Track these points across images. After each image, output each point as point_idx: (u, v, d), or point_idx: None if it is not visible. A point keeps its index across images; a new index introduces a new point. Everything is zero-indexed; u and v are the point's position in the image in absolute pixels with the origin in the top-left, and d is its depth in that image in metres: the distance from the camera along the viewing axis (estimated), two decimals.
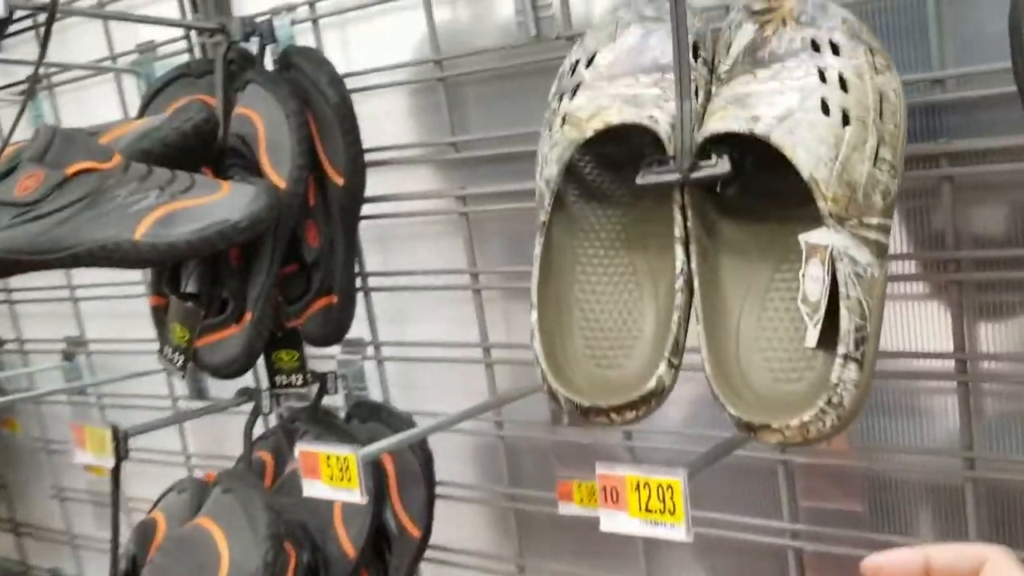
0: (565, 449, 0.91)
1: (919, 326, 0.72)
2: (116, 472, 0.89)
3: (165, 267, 0.84)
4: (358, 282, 0.96)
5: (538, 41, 0.80)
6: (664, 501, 0.56)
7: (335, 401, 1.02)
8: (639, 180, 0.56)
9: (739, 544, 0.83)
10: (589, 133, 0.57)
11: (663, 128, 0.55)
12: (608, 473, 0.58)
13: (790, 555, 0.80)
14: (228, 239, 0.73)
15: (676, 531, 0.55)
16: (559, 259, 0.61)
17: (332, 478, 0.66)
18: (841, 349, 0.50)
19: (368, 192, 0.90)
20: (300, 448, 0.67)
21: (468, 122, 0.91)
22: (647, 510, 0.57)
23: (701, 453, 0.62)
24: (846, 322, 0.50)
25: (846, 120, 0.52)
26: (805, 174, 0.51)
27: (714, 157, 0.53)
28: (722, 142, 0.54)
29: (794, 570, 0.80)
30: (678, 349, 0.55)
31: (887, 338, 0.71)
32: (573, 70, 0.62)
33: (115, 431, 0.87)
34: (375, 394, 1.02)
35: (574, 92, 0.61)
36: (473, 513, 1.03)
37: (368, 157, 0.89)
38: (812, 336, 0.52)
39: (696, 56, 0.59)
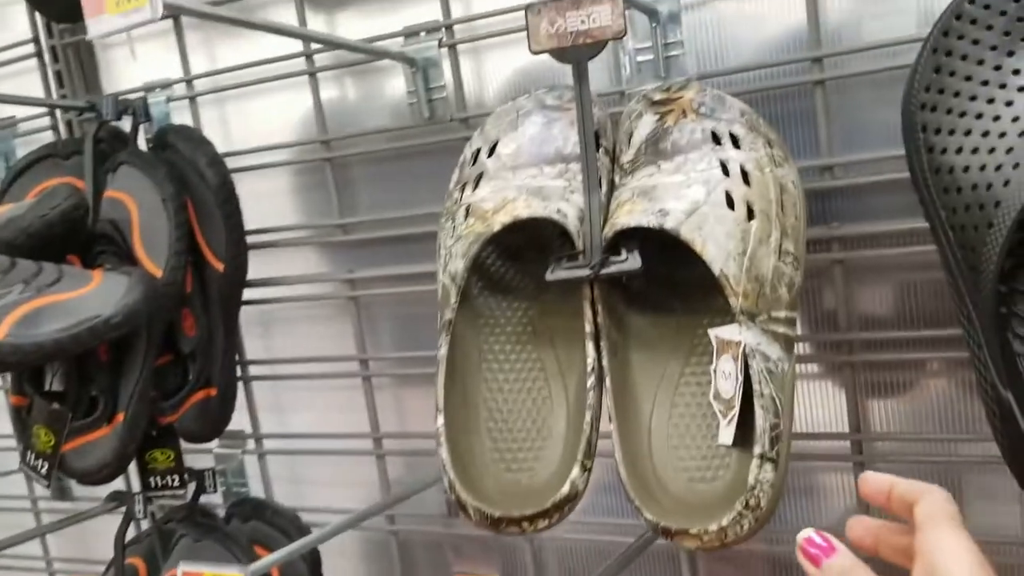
0: (461, 542, 0.87)
1: (814, 406, 0.72)
2: None
3: None
4: (238, 371, 0.91)
5: (431, 123, 0.79)
6: None
7: (214, 499, 0.96)
8: (548, 276, 0.55)
9: None
10: (496, 227, 0.56)
11: (572, 223, 0.54)
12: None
13: None
14: (100, 336, 0.68)
15: None
16: (464, 357, 0.59)
17: None
18: (757, 449, 0.49)
19: (250, 275, 0.86)
20: (183, 568, 0.61)
21: (356, 202, 0.88)
22: None
23: (607, 564, 0.60)
24: (761, 421, 0.49)
25: (751, 214, 0.52)
26: (716, 270, 0.51)
27: (624, 252, 0.53)
28: (631, 236, 0.53)
29: None
30: (591, 451, 0.54)
31: None
32: (475, 159, 0.61)
33: None
34: (257, 490, 0.96)
35: (477, 182, 0.60)
36: None
37: (251, 239, 0.85)
38: (727, 434, 0.51)
39: (598, 146, 0.58)
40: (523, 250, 0.62)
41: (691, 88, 0.60)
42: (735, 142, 0.56)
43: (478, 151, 0.62)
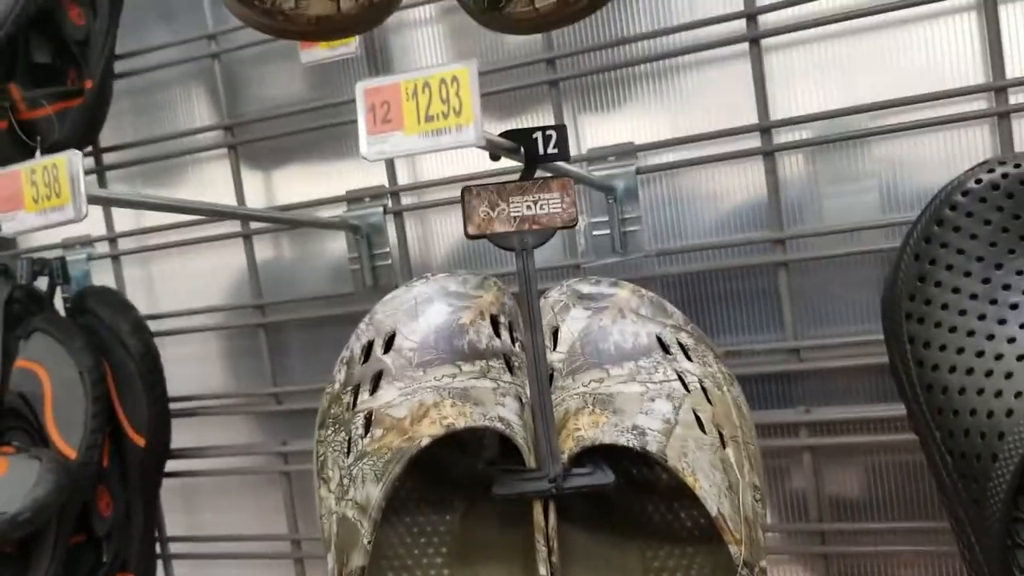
0: None
1: None
2: None
3: None
4: (158, 548, 0.84)
5: (374, 291, 0.75)
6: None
7: None
8: (497, 490, 0.46)
9: None
10: (424, 441, 0.45)
11: (518, 432, 0.46)
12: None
13: None
14: (4, 536, 0.61)
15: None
16: None
17: None
18: None
19: (174, 444, 0.79)
20: None
21: (291, 370, 0.83)
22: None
23: None
24: None
25: (723, 441, 0.46)
26: (712, 510, 0.43)
27: (588, 465, 0.45)
28: (594, 451, 0.46)
29: None
30: None
31: None
32: (366, 355, 0.51)
33: None
34: None
35: (375, 384, 0.49)
36: None
37: (176, 407, 0.80)
38: None
39: (513, 339, 0.51)
40: (429, 464, 0.51)
41: (624, 287, 0.53)
42: (685, 353, 0.50)
43: (369, 345, 0.51)
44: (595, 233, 0.67)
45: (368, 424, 0.47)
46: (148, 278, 0.89)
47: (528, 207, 0.45)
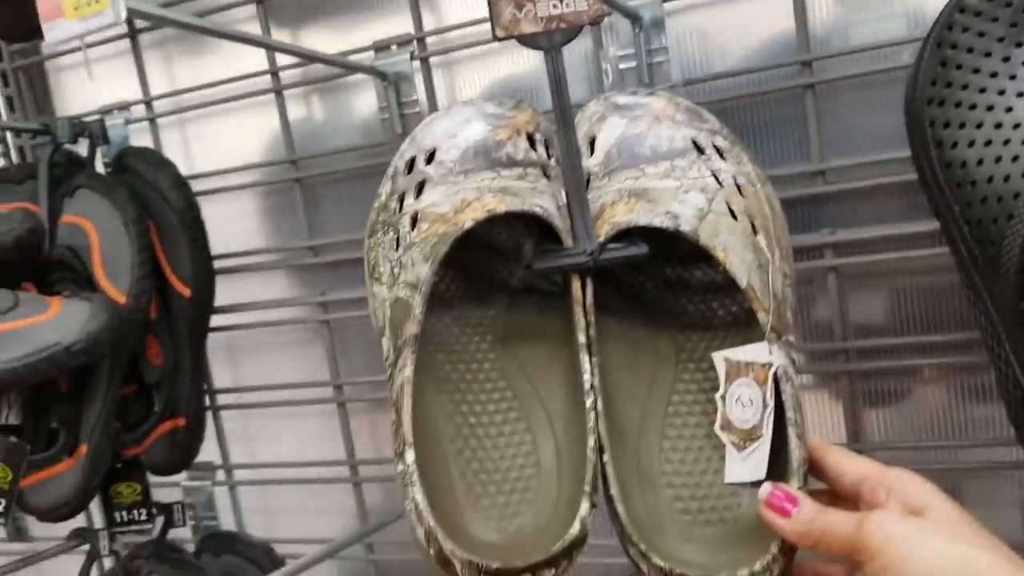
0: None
1: (810, 419, 0.71)
2: None
3: None
4: (206, 400, 0.87)
5: (403, 139, 0.76)
6: None
7: (182, 533, 0.92)
8: (536, 265, 0.50)
9: None
10: (468, 224, 0.49)
11: (555, 217, 0.49)
12: None
13: None
14: (60, 365, 0.65)
15: None
16: (423, 385, 0.52)
17: None
18: (794, 483, 0.44)
19: (216, 301, 0.82)
20: None
21: (326, 223, 0.85)
22: None
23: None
24: (797, 452, 0.44)
25: (754, 228, 0.49)
26: (742, 282, 0.46)
27: (624, 242, 0.49)
28: (624, 237, 0.49)
29: None
30: (597, 482, 0.47)
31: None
32: (410, 168, 0.55)
33: None
34: (228, 523, 0.92)
35: (419, 190, 0.53)
36: None
37: (217, 264, 0.82)
38: (744, 470, 0.46)
39: (548, 153, 0.54)
40: (475, 259, 0.56)
41: (660, 96, 0.56)
42: (720, 154, 0.52)
43: (412, 160, 0.55)
44: (622, 67, 0.67)
45: (414, 221, 0.51)
46: (184, 141, 0.90)
47: (554, 6, 0.46)
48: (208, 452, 0.88)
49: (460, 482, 0.51)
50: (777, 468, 0.45)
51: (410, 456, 0.46)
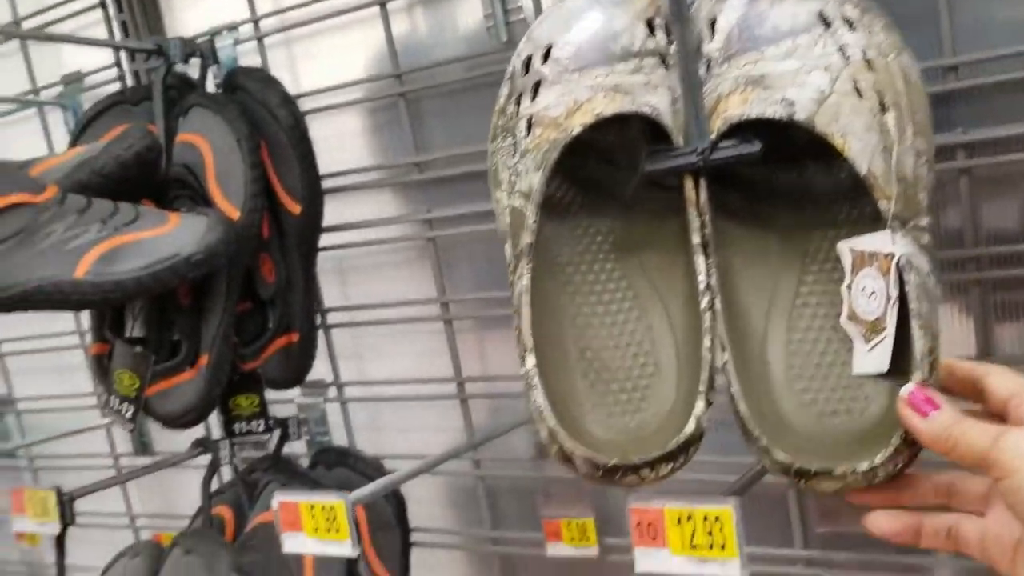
0: (550, 486, 0.84)
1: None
2: (61, 539, 0.80)
3: (108, 309, 0.76)
4: (317, 319, 0.89)
5: (509, 47, 0.75)
6: (712, 535, 0.49)
7: (295, 448, 0.94)
8: (647, 166, 0.49)
9: None
10: (576, 130, 0.49)
11: (665, 116, 0.48)
12: (644, 507, 0.50)
13: None
14: (181, 274, 0.66)
15: (729, 568, 0.48)
16: (544, 290, 0.53)
17: (317, 530, 0.58)
18: (917, 376, 0.42)
19: (325, 221, 0.83)
20: (279, 499, 0.59)
21: (432, 140, 0.85)
22: (692, 546, 0.50)
23: (729, 481, 0.56)
24: (921, 344, 0.42)
25: (883, 106, 0.46)
26: (861, 168, 0.44)
27: (737, 139, 0.47)
28: (740, 132, 0.47)
29: None
30: (714, 382, 0.47)
31: None
32: (527, 68, 0.54)
33: (59, 494, 0.79)
34: (339, 438, 0.95)
35: (535, 91, 0.52)
36: (453, 560, 0.96)
37: (324, 183, 0.83)
38: (870, 362, 0.45)
39: (669, 39, 0.52)
40: (590, 165, 0.55)
41: None
42: (849, 25, 0.48)
43: (529, 59, 0.53)
44: None
45: (530, 126, 0.51)
46: (291, 60, 0.91)
47: None
48: (320, 370, 0.90)
49: (581, 382, 0.52)
50: (903, 360, 0.44)
51: (531, 360, 0.48)
